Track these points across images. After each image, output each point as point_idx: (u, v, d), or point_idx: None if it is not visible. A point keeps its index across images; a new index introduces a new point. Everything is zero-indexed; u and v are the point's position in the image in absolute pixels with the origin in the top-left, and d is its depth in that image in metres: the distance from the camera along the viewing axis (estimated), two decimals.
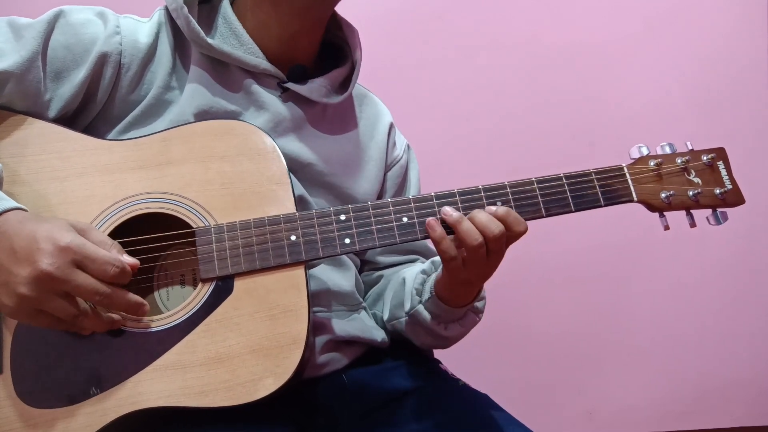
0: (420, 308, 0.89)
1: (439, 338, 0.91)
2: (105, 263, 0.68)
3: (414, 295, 0.90)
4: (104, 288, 0.68)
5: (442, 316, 0.88)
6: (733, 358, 1.91)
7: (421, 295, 0.89)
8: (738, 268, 1.91)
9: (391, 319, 0.95)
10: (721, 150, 0.82)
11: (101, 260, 0.68)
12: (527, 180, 0.80)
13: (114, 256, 0.69)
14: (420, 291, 0.90)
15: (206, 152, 0.80)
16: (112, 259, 0.68)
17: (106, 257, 0.68)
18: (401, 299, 0.93)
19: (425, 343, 0.95)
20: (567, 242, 1.83)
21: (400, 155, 1.04)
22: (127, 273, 0.70)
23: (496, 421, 0.85)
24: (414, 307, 0.89)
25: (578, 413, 1.90)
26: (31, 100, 0.79)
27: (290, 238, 0.77)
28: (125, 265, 0.69)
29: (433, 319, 0.88)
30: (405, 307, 0.92)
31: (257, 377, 0.73)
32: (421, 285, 0.90)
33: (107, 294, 0.68)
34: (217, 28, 0.89)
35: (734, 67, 1.88)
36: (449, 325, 0.89)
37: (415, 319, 0.90)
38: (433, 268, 0.92)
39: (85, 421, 0.71)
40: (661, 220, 0.82)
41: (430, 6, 1.82)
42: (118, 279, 0.69)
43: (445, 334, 0.90)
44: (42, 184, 0.77)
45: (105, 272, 0.68)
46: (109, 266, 0.68)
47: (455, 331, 0.90)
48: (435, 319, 0.88)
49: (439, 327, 0.89)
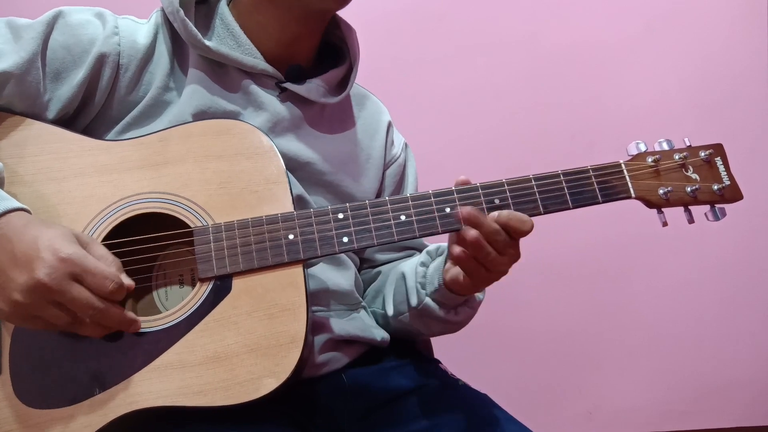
0: (428, 300, 0.88)
1: (450, 323, 0.92)
2: (104, 278, 0.68)
3: (419, 289, 0.90)
4: (98, 303, 0.68)
5: (451, 304, 0.88)
6: (733, 358, 1.91)
7: (425, 287, 0.89)
8: (738, 269, 1.91)
9: (397, 315, 0.95)
10: (718, 146, 0.82)
11: (101, 275, 0.67)
12: (525, 177, 0.80)
13: (113, 272, 0.69)
14: (423, 284, 0.90)
15: (204, 152, 0.80)
16: (111, 275, 0.68)
17: (106, 272, 0.68)
18: (404, 294, 0.93)
19: (435, 331, 0.96)
20: (567, 241, 1.83)
21: (398, 154, 1.04)
22: (123, 291, 0.70)
23: (496, 421, 0.85)
24: (422, 301, 0.89)
25: (578, 413, 1.90)
26: (31, 100, 0.79)
27: (288, 237, 0.77)
28: (123, 283, 0.69)
29: (442, 308, 0.88)
30: (411, 302, 0.91)
31: (256, 376, 0.72)
32: (423, 278, 0.90)
33: (101, 309, 0.68)
34: (215, 29, 0.89)
35: (734, 67, 1.89)
36: (459, 309, 0.90)
37: (424, 312, 0.90)
38: (429, 258, 0.92)
39: (84, 422, 0.71)
40: (659, 216, 0.82)
41: (430, 6, 1.83)
42: (113, 296, 0.69)
43: (456, 319, 0.90)
44: (40, 185, 0.77)
45: (103, 287, 0.68)
46: (108, 281, 0.68)
47: (465, 314, 0.90)
48: (444, 307, 0.88)
49: (449, 314, 0.89)
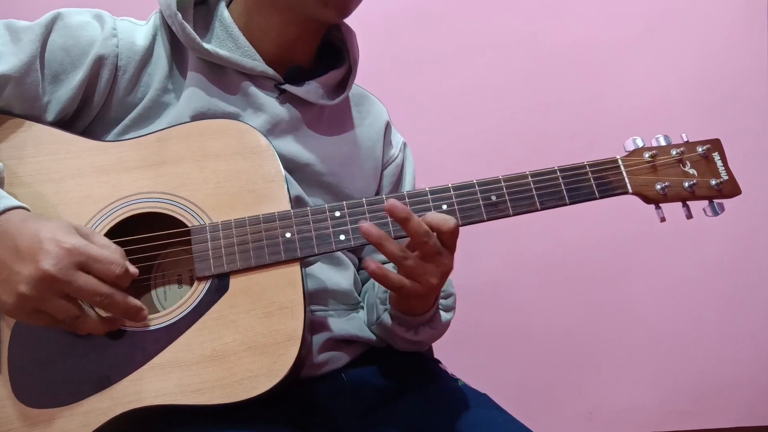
0: (385, 316, 0.88)
1: (412, 343, 0.91)
2: (110, 263, 0.68)
3: (378, 304, 0.90)
4: (106, 289, 0.68)
5: (409, 323, 0.87)
6: (733, 358, 1.90)
7: (385, 303, 0.89)
8: (738, 269, 1.90)
9: (369, 325, 0.95)
10: (716, 141, 0.82)
11: (106, 260, 0.68)
12: (521, 174, 0.80)
13: (118, 258, 0.69)
14: (384, 299, 0.89)
15: (201, 152, 0.80)
16: (117, 260, 0.69)
17: (111, 257, 0.68)
18: (372, 305, 0.93)
19: (401, 347, 0.94)
20: (566, 241, 1.83)
21: (396, 154, 1.05)
22: (129, 276, 0.70)
23: (496, 421, 0.85)
24: (380, 317, 0.89)
25: (578, 413, 1.90)
26: (30, 103, 0.79)
27: (285, 236, 0.77)
28: (128, 268, 0.70)
29: (399, 326, 0.88)
30: (371, 317, 0.92)
31: (253, 374, 0.72)
32: (384, 293, 0.89)
33: (108, 295, 0.68)
34: (214, 31, 0.89)
35: (734, 67, 1.89)
36: (419, 329, 0.88)
37: (383, 327, 0.90)
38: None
39: (82, 421, 0.71)
40: (657, 212, 0.82)
41: (430, 6, 1.83)
42: (120, 281, 0.69)
43: (416, 339, 0.89)
44: (38, 186, 0.77)
45: (109, 272, 0.68)
46: (114, 266, 0.68)
47: (426, 334, 0.89)
48: (402, 326, 0.87)
49: (408, 333, 0.88)
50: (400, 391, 0.90)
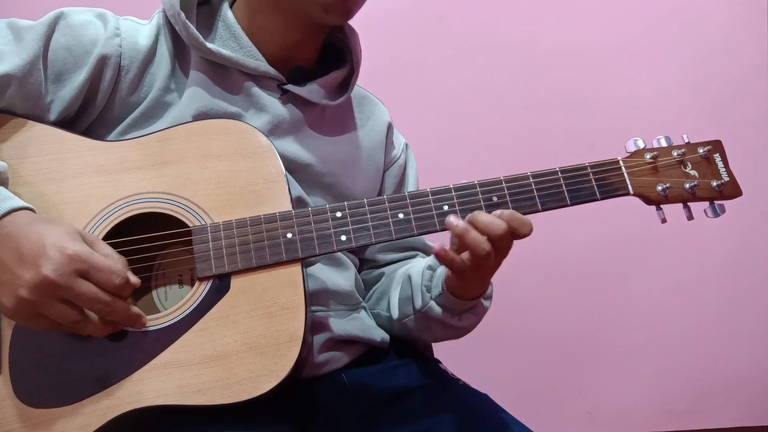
0: (432, 304, 0.88)
1: (453, 329, 0.91)
2: (111, 272, 0.68)
3: (424, 292, 0.89)
4: (106, 297, 0.68)
5: (455, 309, 0.88)
6: (733, 358, 1.90)
7: (431, 291, 0.89)
8: (738, 269, 1.91)
9: (402, 318, 0.95)
10: (717, 142, 0.82)
11: (108, 269, 0.68)
12: (523, 175, 0.80)
13: (120, 268, 0.69)
14: (429, 287, 0.89)
15: (202, 151, 0.80)
16: (118, 270, 0.69)
17: (112, 267, 0.68)
18: (410, 297, 0.93)
19: (438, 337, 0.95)
20: (567, 241, 1.83)
21: (398, 155, 1.05)
22: (130, 287, 0.70)
23: (496, 421, 0.85)
24: (426, 304, 0.89)
25: (578, 413, 1.90)
26: (32, 102, 0.79)
27: (286, 236, 0.77)
28: (129, 278, 0.70)
29: (446, 313, 0.88)
30: (416, 304, 0.91)
31: (254, 375, 0.72)
32: (429, 281, 0.90)
33: (108, 303, 0.68)
34: (217, 31, 0.89)
35: (734, 67, 1.89)
36: (463, 316, 0.89)
37: (427, 315, 0.90)
38: (438, 262, 0.91)
39: (83, 421, 0.71)
40: (658, 213, 0.82)
41: (430, 6, 1.83)
42: (120, 290, 0.69)
43: (460, 325, 0.90)
44: (40, 186, 0.77)
45: (110, 281, 0.68)
46: (115, 276, 0.68)
47: (469, 320, 0.90)
48: (448, 312, 0.88)
49: (453, 319, 0.88)
50: (401, 392, 0.90)
